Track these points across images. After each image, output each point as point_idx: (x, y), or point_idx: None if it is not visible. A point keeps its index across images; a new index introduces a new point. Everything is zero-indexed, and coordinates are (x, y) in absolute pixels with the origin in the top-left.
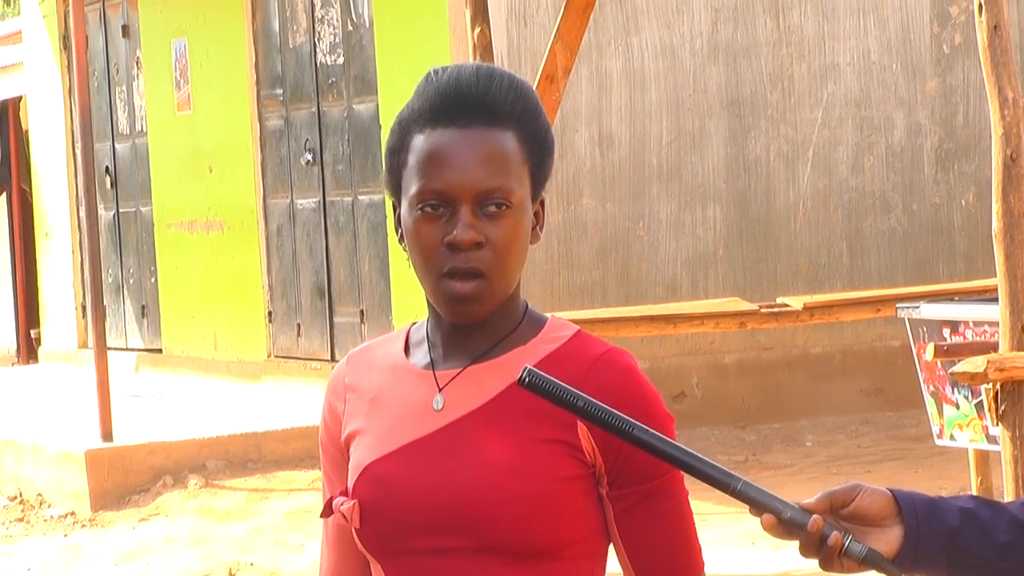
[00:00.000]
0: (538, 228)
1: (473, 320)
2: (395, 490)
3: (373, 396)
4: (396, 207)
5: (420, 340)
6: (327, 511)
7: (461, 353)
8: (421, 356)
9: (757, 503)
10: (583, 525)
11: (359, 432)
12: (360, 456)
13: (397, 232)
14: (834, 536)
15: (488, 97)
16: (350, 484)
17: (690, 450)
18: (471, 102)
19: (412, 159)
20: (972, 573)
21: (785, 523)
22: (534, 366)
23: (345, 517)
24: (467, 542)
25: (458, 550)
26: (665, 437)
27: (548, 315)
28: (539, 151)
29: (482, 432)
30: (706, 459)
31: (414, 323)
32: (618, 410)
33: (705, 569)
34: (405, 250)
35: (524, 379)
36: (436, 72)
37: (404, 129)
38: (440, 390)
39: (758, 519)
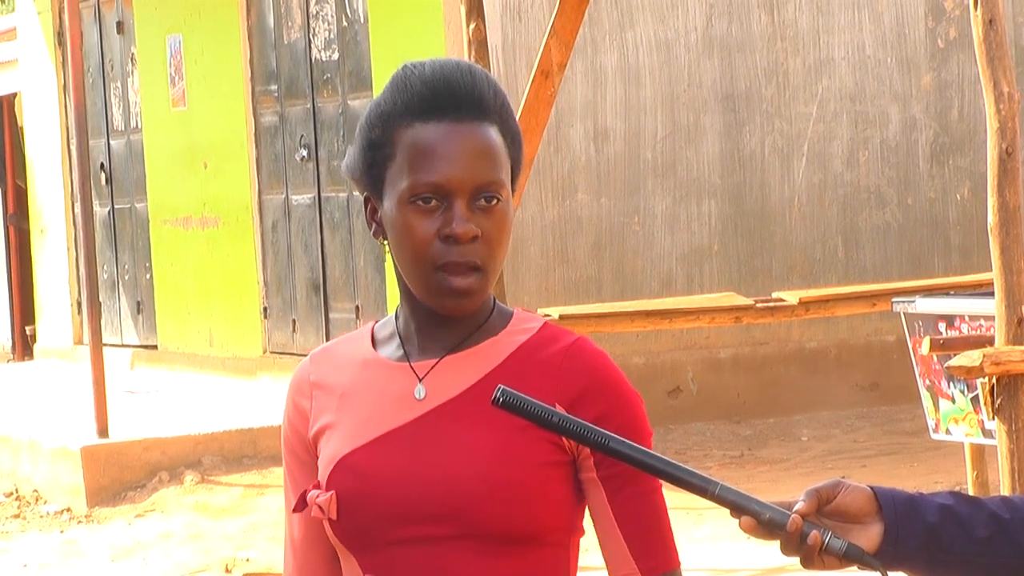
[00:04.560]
0: None
1: (466, 313)
2: (373, 480)
3: (344, 391)
4: (371, 201)
5: (389, 335)
6: (300, 505)
7: (435, 345)
8: (393, 350)
9: (736, 506)
10: (561, 513)
11: (329, 427)
12: (333, 449)
13: (371, 227)
14: (813, 535)
15: (476, 91)
16: (323, 477)
17: (666, 458)
18: (461, 96)
19: (402, 153)
20: (951, 568)
21: (764, 524)
22: (508, 356)
23: (322, 509)
24: (448, 529)
25: (438, 538)
26: (641, 447)
27: (513, 308)
28: (516, 146)
29: (461, 419)
30: (683, 466)
31: (376, 321)
32: (592, 394)
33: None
34: (382, 243)
35: (498, 399)
36: (415, 66)
37: (388, 122)
38: (420, 380)
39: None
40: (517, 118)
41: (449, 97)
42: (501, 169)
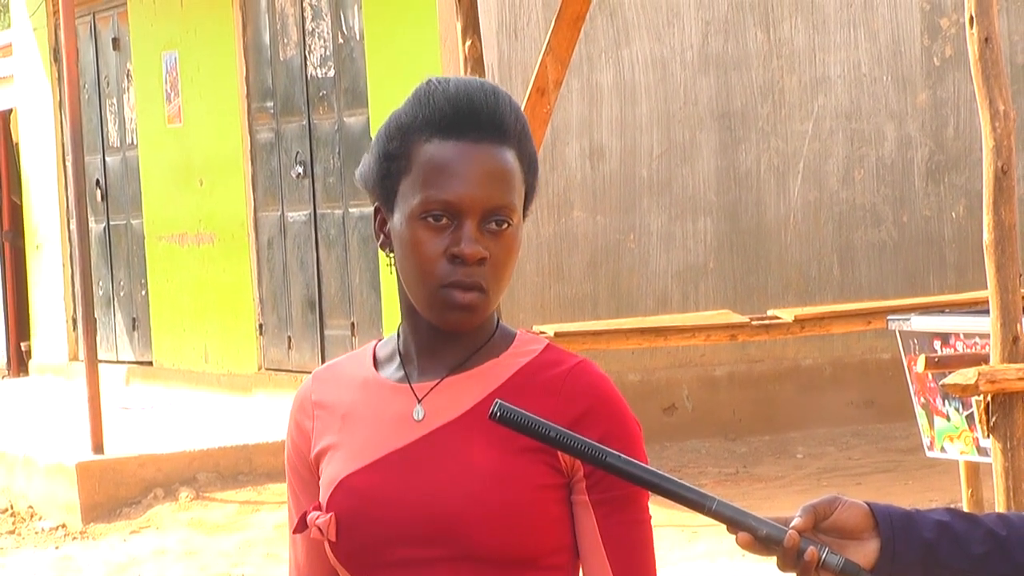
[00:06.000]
0: None
1: (466, 329)
2: (372, 501)
3: (345, 412)
4: (380, 212)
5: (390, 355)
6: (301, 526)
7: (436, 366)
8: (393, 370)
9: (733, 521)
10: (558, 535)
11: (331, 447)
12: (334, 470)
13: (378, 238)
14: (810, 551)
15: (497, 114)
16: (324, 498)
17: (663, 473)
18: (482, 117)
19: (417, 167)
20: None
21: (761, 540)
22: (508, 378)
23: (321, 531)
24: (445, 551)
25: (436, 560)
26: (638, 462)
27: (517, 330)
28: (532, 171)
29: (460, 441)
30: (680, 481)
31: (379, 340)
32: (592, 417)
33: None
34: (388, 255)
35: (495, 413)
36: (439, 82)
37: (406, 135)
38: (419, 401)
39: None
40: None
41: (471, 117)
42: (515, 194)
